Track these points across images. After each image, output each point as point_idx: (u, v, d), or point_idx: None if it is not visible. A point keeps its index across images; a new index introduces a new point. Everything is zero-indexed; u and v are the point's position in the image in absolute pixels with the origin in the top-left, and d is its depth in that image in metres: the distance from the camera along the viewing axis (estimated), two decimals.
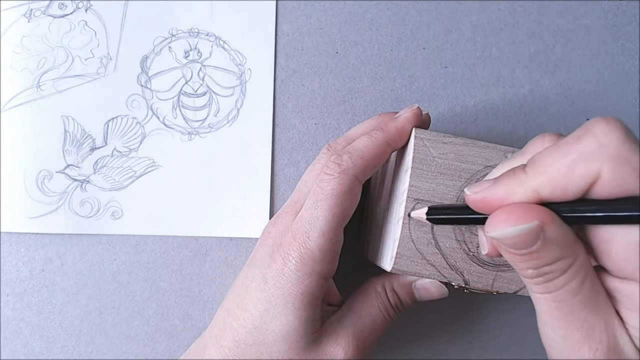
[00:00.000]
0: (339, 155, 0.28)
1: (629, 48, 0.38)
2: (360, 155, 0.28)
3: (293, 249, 0.28)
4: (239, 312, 0.29)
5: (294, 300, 0.28)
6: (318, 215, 0.28)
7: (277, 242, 0.29)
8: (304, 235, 0.28)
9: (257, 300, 0.28)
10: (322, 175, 0.28)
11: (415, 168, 0.28)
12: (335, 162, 0.28)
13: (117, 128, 0.36)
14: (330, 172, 0.28)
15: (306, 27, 0.37)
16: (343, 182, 0.28)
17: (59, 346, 0.36)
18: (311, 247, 0.27)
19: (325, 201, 0.28)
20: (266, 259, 0.29)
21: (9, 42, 0.36)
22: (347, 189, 0.28)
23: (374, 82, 0.37)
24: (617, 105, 0.38)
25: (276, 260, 0.28)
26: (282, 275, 0.28)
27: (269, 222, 0.31)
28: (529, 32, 0.38)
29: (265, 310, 0.28)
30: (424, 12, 0.38)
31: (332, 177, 0.28)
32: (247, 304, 0.29)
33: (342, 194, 0.28)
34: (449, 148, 0.28)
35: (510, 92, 0.38)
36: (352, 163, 0.28)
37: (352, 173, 0.28)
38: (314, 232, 0.28)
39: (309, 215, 0.28)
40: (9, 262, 0.36)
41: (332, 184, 0.28)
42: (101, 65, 0.36)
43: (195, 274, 0.36)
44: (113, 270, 0.36)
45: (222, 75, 0.37)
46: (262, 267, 0.29)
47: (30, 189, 0.36)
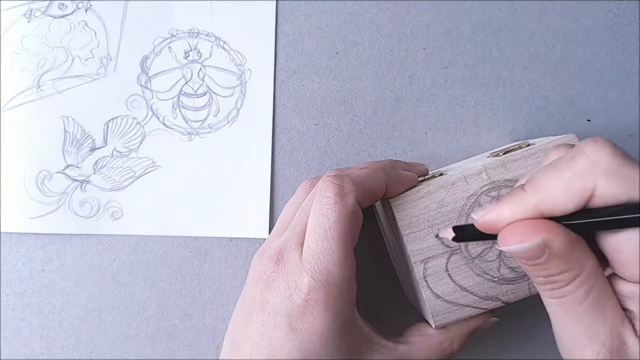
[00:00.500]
0: (339, 178, 0.27)
1: (629, 48, 0.38)
2: (360, 182, 0.27)
3: (316, 290, 0.26)
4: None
5: (332, 338, 0.26)
6: (332, 247, 0.26)
7: (293, 284, 0.27)
8: (324, 272, 0.26)
9: (291, 350, 0.26)
10: (322, 200, 0.27)
11: (407, 234, 0.28)
12: (335, 182, 0.27)
13: (117, 128, 0.36)
14: (330, 195, 0.27)
15: (306, 27, 0.37)
16: (347, 206, 0.26)
17: (59, 346, 0.36)
18: (335, 282, 0.26)
19: (334, 230, 0.26)
20: (287, 305, 0.26)
21: (9, 43, 0.36)
22: (352, 211, 0.27)
23: (374, 82, 0.37)
24: (617, 105, 0.38)
25: (300, 305, 0.26)
26: (312, 319, 0.26)
27: (267, 261, 0.28)
28: (529, 32, 0.38)
29: (304, 358, 0.26)
30: (424, 12, 0.38)
31: (333, 200, 0.26)
32: (278, 355, 0.26)
33: (349, 218, 0.26)
34: (427, 201, 0.29)
35: (510, 92, 0.38)
36: (353, 186, 0.27)
37: (354, 196, 0.27)
38: (333, 266, 0.26)
39: (321, 249, 0.26)
40: (9, 262, 0.36)
41: (337, 208, 0.26)
42: (101, 66, 0.36)
43: (195, 274, 0.36)
44: (113, 270, 0.36)
45: (222, 76, 0.37)
46: (285, 315, 0.26)
47: (30, 189, 0.36)
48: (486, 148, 0.37)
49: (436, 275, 0.28)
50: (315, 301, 0.26)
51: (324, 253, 0.26)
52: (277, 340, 0.26)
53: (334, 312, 0.26)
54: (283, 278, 0.27)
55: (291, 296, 0.26)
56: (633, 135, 0.38)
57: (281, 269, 0.27)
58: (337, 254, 0.26)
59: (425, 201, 0.29)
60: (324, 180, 0.28)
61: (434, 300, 0.28)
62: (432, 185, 0.29)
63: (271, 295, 0.27)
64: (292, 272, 0.27)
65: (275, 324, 0.27)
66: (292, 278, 0.27)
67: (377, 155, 0.37)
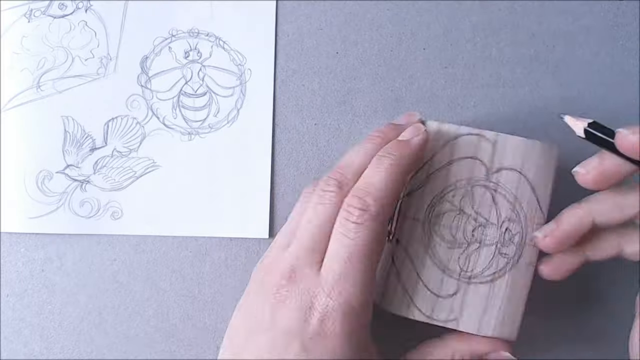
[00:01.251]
0: (360, 199, 0.26)
1: (629, 48, 0.38)
2: (383, 196, 0.27)
3: (334, 310, 0.25)
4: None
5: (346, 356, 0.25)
6: (355, 271, 0.25)
7: (307, 304, 0.25)
8: (343, 294, 0.25)
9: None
10: (347, 224, 0.26)
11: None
12: (359, 207, 0.26)
13: (117, 128, 0.36)
14: (357, 219, 0.26)
15: (306, 27, 0.37)
16: (374, 229, 0.26)
17: (59, 346, 0.36)
18: (353, 305, 0.25)
19: (359, 254, 0.26)
20: (299, 325, 0.25)
21: (9, 42, 0.36)
22: (377, 235, 0.26)
23: (374, 82, 0.37)
24: (617, 105, 0.38)
25: (314, 326, 0.25)
26: (326, 341, 0.25)
27: (281, 278, 0.27)
28: (529, 33, 0.38)
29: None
30: (424, 12, 0.38)
31: (361, 225, 0.26)
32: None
33: (374, 242, 0.26)
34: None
35: (510, 92, 0.38)
36: (380, 207, 0.26)
37: (381, 219, 0.26)
38: (353, 288, 0.25)
39: (342, 270, 0.25)
40: (9, 262, 0.36)
41: (362, 233, 0.26)
42: (101, 66, 0.36)
43: (195, 274, 0.36)
44: (113, 270, 0.36)
45: (222, 76, 0.37)
46: (297, 335, 0.25)
47: (30, 189, 0.36)
48: None
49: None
50: (332, 323, 0.25)
51: (345, 276, 0.25)
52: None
53: (350, 336, 0.25)
54: (296, 297, 0.26)
55: (306, 316, 0.25)
56: None
57: (294, 287, 0.26)
58: (359, 278, 0.25)
59: None
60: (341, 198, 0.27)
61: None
62: None
63: (282, 313, 0.26)
64: (307, 292, 0.26)
65: (287, 344, 0.25)
66: (308, 297, 0.26)
67: None
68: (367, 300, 0.26)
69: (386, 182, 0.27)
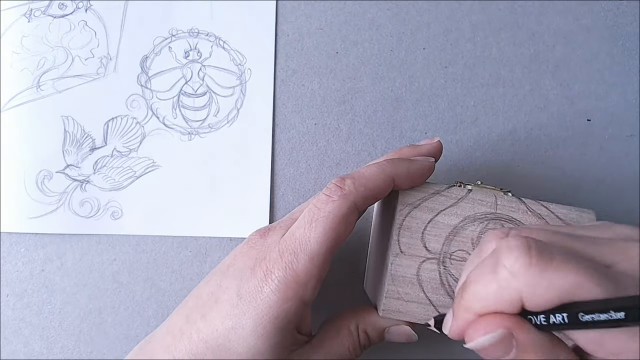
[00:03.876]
0: (341, 179, 0.27)
1: (629, 48, 0.38)
2: (363, 183, 0.27)
3: (277, 268, 0.26)
4: (201, 324, 0.26)
5: (266, 323, 0.26)
6: (310, 237, 0.26)
7: (261, 255, 0.27)
8: (292, 255, 0.26)
9: (226, 316, 0.26)
10: (321, 196, 0.27)
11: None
12: (337, 184, 0.27)
13: (117, 128, 0.36)
14: (330, 193, 0.27)
15: (306, 27, 0.37)
16: (342, 206, 0.26)
17: (59, 346, 0.36)
18: (297, 269, 0.26)
19: (320, 223, 0.26)
20: (245, 272, 0.27)
21: (9, 42, 0.36)
22: (344, 213, 0.26)
23: (374, 82, 0.37)
24: (617, 105, 0.38)
25: (256, 276, 0.26)
26: (259, 293, 0.26)
27: (256, 232, 0.29)
28: (529, 32, 0.38)
29: (232, 328, 0.26)
30: (424, 12, 0.38)
31: (331, 198, 0.26)
32: (213, 317, 0.26)
33: (339, 219, 0.26)
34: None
35: (510, 92, 0.38)
36: (354, 188, 0.27)
37: (352, 199, 0.27)
38: (303, 253, 0.26)
39: (300, 235, 0.26)
40: (9, 262, 0.36)
41: (330, 206, 0.26)
42: (101, 65, 0.36)
43: (195, 274, 0.36)
44: (113, 270, 0.36)
45: (222, 75, 0.37)
46: (239, 279, 0.26)
47: (30, 189, 0.36)
48: (486, 148, 0.37)
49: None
50: (272, 281, 0.26)
51: (300, 240, 0.26)
52: (221, 302, 0.26)
53: (281, 300, 0.26)
54: (258, 248, 0.27)
55: (254, 267, 0.26)
56: (633, 135, 0.38)
57: (261, 241, 0.28)
58: (312, 246, 0.26)
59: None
60: (330, 182, 0.28)
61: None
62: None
63: (239, 260, 0.27)
64: (267, 246, 0.27)
65: (227, 287, 0.27)
66: (264, 250, 0.27)
67: (377, 155, 0.37)
68: (314, 274, 0.26)
69: (371, 174, 0.28)
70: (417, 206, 0.29)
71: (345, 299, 0.36)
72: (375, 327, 0.30)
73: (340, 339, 0.29)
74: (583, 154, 0.38)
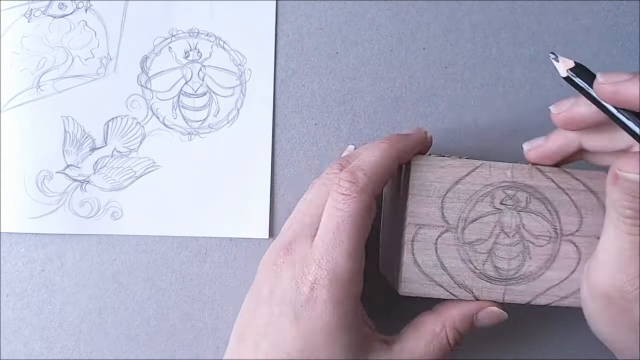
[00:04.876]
0: (351, 173, 0.27)
1: (629, 48, 0.38)
2: (374, 171, 0.28)
3: (322, 278, 0.26)
4: (272, 352, 0.27)
5: (333, 330, 0.26)
6: (342, 239, 0.26)
7: (300, 273, 0.27)
8: (331, 262, 0.26)
9: (294, 339, 0.26)
10: (337, 196, 0.27)
11: (414, 194, 0.28)
12: (349, 180, 0.27)
13: (117, 128, 0.36)
14: (346, 191, 0.27)
15: (306, 27, 0.37)
16: (362, 200, 0.27)
17: (59, 346, 0.36)
18: (340, 272, 0.26)
19: (347, 223, 0.27)
20: (291, 294, 0.27)
21: (9, 42, 0.36)
22: (366, 206, 0.27)
23: (374, 82, 0.37)
24: None
25: (304, 293, 0.26)
26: (316, 309, 0.26)
27: (278, 250, 0.28)
28: (529, 32, 0.38)
29: (304, 348, 0.26)
30: (424, 12, 0.38)
31: (349, 196, 0.27)
32: (280, 344, 0.27)
33: (363, 213, 0.27)
34: (447, 172, 0.29)
35: (510, 92, 0.38)
36: (368, 180, 0.27)
37: (370, 191, 0.27)
38: (341, 256, 0.26)
39: (331, 239, 0.27)
40: (9, 262, 0.36)
41: (351, 204, 0.27)
42: (101, 66, 0.36)
43: (195, 274, 0.36)
44: (113, 270, 0.36)
45: (222, 76, 0.37)
46: (289, 303, 0.27)
47: (30, 189, 0.36)
48: (486, 148, 0.37)
49: (424, 243, 0.28)
50: (321, 290, 0.26)
51: (333, 244, 0.26)
52: (282, 329, 0.27)
53: (338, 304, 0.26)
54: (291, 267, 0.27)
55: (297, 285, 0.27)
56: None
57: (290, 258, 0.27)
58: (347, 246, 0.26)
59: (444, 171, 0.29)
60: (334, 173, 0.28)
61: (411, 266, 0.28)
62: (457, 161, 0.29)
63: (278, 284, 0.27)
64: (300, 262, 0.27)
65: (280, 313, 0.27)
66: (300, 267, 0.27)
67: None
68: (356, 269, 0.27)
69: (377, 160, 0.28)
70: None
71: None
72: (463, 318, 0.29)
73: (424, 341, 0.29)
74: None
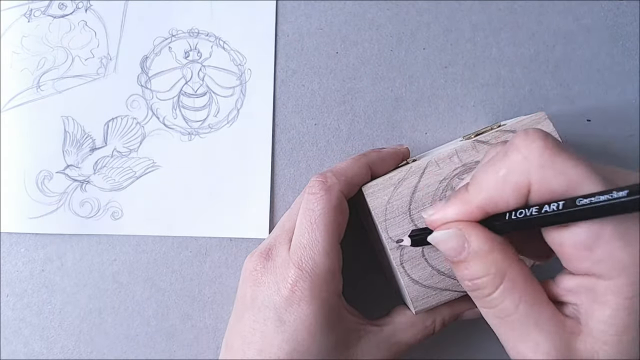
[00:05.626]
0: (321, 174, 0.28)
1: (629, 48, 0.38)
2: (342, 173, 0.28)
3: (303, 280, 0.27)
4: (259, 357, 0.27)
5: (319, 329, 0.27)
6: (317, 238, 0.27)
7: (280, 277, 0.27)
8: (310, 262, 0.27)
9: (281, 343, 0.27)
10: (308, 197, 0.28)
11: (381, 221, 0.28)
12: (318, 180, 0.28)
13: (117, 128, 0.36)
14: (315, 191, 0.28)
15: (306, 27, 0.37)
16: (331, 199, 0.28)
17: (59, 346, 0.36)
18: (320, 272, 0.27)
19: (319, 222, 0.27)
20: (275, 298, 0.27)
21: (9, 42, 0.36)
22: (336, 204, 0.28)
23: (374, 82, 0.37)
24: (617, 105, 0.38)
25: (287, 297, 0.27)
26: (299, 310, 0.27)
27: (257, 257, 0.29)
28: (529, 32, 0.38)
29: (293, 350, 0.27)
30: (424, 12, 0.38)
31: (317, 195, 0.28)
32: (268, 350, 0.27)
33: (334, 211, 0.28)
34: (401, 187, 0.29)
35: (510, 92, 0.38)
36: (336, 179, 0.28)
37: (338, 189, 0.28)
38: (318, 256, 0.27)
39: (307, 240, 0.27)
40: (9, 262, 0.36)
41: (321, 202, 0.27)
42: (101, 66, 0.36)
43: (195, 274, 0.36)
44: (113, 270, 0.36)
45: (222, 76, 0.37)
46: (273, 307, 0.27)
47: (30, 189, 0.36)
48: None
49: (413, 260, 0.29)
50: (302, 291, 0.27)
51: (309, 245, 0.27)
52: (267, 334, 0.27)
53: (320, 302, 0.27)
54: (272, 272, 0.28)
55: (279, 289, 0.27)
56: (633, 135, 0.38)
57: (270, 264, 0.28)
58: (323, 245, 0.27)
59: (398, 188, 0.29)
60: (311, 180, 0.29)
61: (412, 286, 0.28)
62: (403, 172, 0.29)
63: (260, 290, 0.28)
64: (280, 266, 0.28)
65: (265, 318, 0.27)
66: (280, 271, 0.28)
67: None
68: (334, 267, 0.28)
69: (347, 165, 0.29)
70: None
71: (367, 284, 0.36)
72: (453, 315, 0.31)
73: (412, 331, 0.30)
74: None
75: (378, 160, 0.30)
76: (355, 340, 0.29)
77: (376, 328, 0.30)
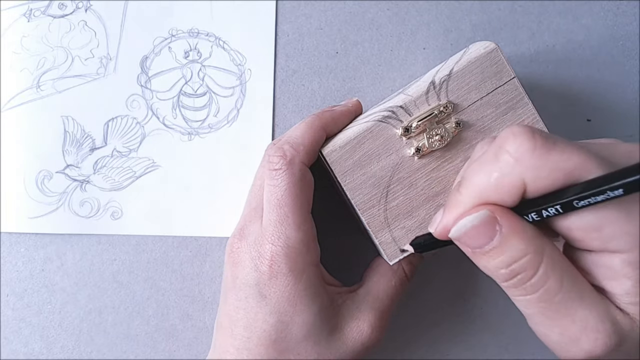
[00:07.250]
0: (279, 148, 0.28)
1: (629, 48, 0.38)
2: (300, 142, 0.28)
3: (278, 255, 0.27)
4: (247, 333, 0.28)
5: (300, 299, 0.27)
6: (286, 212, 0.27)
7: (256, 255, 0.28)
8: (282, 236, 0.27)
9: (265, 316, 0.28)
10: (270, 173, 0.28)
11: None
12: (277, 155, 0.28)
13: (117, 128, 0.36)
14: (277, 167, 0.28)
15: (306, 27, 0.37)
16: (294, 172, 0.28)
17: (59, 346, 0.36)
18: (293, 244, 0.27)
19: (286, 197, 0.27)
20: (254, 275, 0.28)
21: (9, 42, 0.36)
22: (300, 177, 0.28)
23: (374, 82, 0.37)
24: (617, 105, 0.38)
25: (264, 272, 0.28)
26: (277, 283, 0.27)
27: (232, 238, 0.30)
28: (529, 32, 0.38)
29: (278, 321, 0.28)
30: (424, 12, 0.38)
31: (280, 170, 0.28)
32: (253, 324, 0.28)
33: (299, 184, 0.28)
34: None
35: None
36: (295, 151, 0.28)
37: (299, 160, 0.28)
38: (289, 229, 0.27)
39: (277, 216, 0.27)
40: (9, 262, 0.36)
41: (285, 178, 0.27)
42: (101, 66, 0.36)
43: (195, 274, 0.36)
44: (113, 270, 0.36)
45: (222, 76, 0.37)
46: (253, 284, 0.28)
47: (30, 189, 0.36)
48: None
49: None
50: (279, 265, 0.27)
51: (280, 221, 0.27)
52: (251, 310, 0.28)
53: (297, 274, 0.27)
54: (247, 251, 0.28)
55: (256, 265, 0.28)
56: (633, 135, 0.38)
57: (244, 243, 0.29)
58: (293, 219, 0.27)
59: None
60: (267, 153, 0.29)
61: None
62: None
63: (239, 269, 0.29)
64: (255, 243, 0.28)
65: (246, 296, 0.28)
66: (255, 248, 0.28)
67: None
68: (308, 238, 0.28)
69: (302, 132, 0.29)
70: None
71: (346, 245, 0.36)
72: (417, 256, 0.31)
73: (385, 279, 0.31)
74: None
75: (332, 121, 0.29)
76: (337, 307, 0.29)
77: (352, 293, 0.31)
